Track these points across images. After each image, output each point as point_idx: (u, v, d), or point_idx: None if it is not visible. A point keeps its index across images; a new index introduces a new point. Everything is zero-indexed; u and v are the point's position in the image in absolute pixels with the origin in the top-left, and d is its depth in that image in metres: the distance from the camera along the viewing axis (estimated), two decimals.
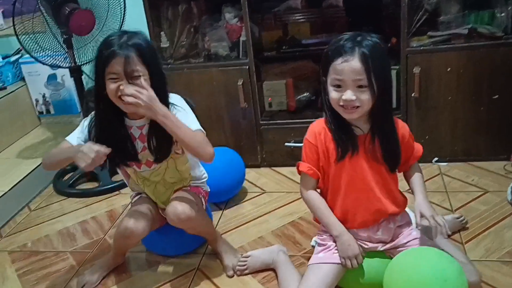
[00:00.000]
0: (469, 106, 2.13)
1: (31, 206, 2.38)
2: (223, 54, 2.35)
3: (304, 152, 1.49)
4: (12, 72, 3.00)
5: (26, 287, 1.77)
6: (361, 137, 1.42)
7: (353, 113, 1.35)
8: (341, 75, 1.31)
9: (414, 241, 1.48)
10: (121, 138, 1.56)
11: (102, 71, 1.44)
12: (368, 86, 1.30)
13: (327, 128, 1.44)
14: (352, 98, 1.31)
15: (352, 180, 1.45)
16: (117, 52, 1.40)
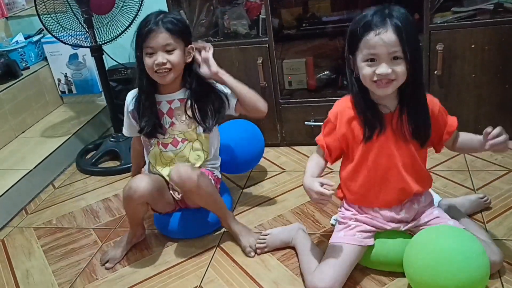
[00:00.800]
0: (493, 84, 2.09)
1: (55, 184, 2.43)
2: (243, 32, 2.34)
3: (323, 126, 1.50)
4: (35, 52, 3.03)
5: (52, 261, 1.83)
6: (388, 115, 1.40)
7: (388, 88, 1.32)
8: (375, 48, 1.28)
9: (436, 219, 1.47)
10: (153, 111, 1.68)
11: (141, 47, 1.60)
12: (403, 57, 1.28)
13: (352, 107, 1.42)
14: (388, 71, 1.28)
15: (378, 159, 1.43)
16: (152, 28, 1.56)
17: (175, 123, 1.72)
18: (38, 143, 2.62)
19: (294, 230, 1.69)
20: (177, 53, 1.60)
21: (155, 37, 1.57)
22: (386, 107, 1.40)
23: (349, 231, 1.49)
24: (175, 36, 1.59)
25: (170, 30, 1.58)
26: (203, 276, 1.62)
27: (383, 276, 1.51)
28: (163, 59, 1.58)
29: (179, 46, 1.60)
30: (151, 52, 1.59)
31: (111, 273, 1.72)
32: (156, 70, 1.60)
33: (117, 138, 2.57)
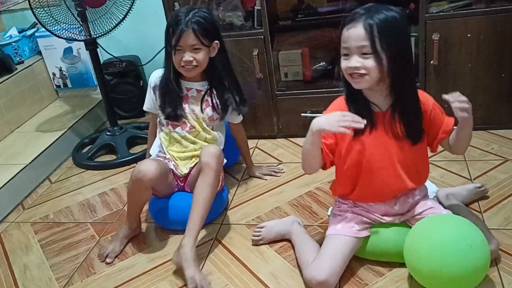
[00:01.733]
0: (490, 73, 2.08)
1: (51, 179, 2.42)
2: (238, 24, 2.32)
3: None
4: (29, 46, 3.01)
5: (49, 256, 1.82)
6: (380, 114, 1.41)
7: (360, 82, 1.34)
8: (346, 42, 1.32)
9: (430, 210, 1.48)
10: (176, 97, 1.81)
11: (170, 43, 1.73)
12: (372, 53, 1.29)
13: (346, 105, 1.43)
14: (356, 65, 1.31)
15: (372, 157, 1.44)
16: (182, 29, 1.68)
17: (186, 109, 1.83)
18: (33, 137, 2.61)
19: (289, 222, 1.69)
20: (202, 52, 1.74)
21: (184, 37, 1.70)
22: (377, 107, 1.41)
23: (347, 224, 1.49)
24: (202, 36, 1.71)
25: (198, 31, 1.70)
26: (201, 269, 1.62)
27: (380, 267, 1.51)
28: (189, 57, 1.72)
29: (205, 45, 1.74)
30: (179, 49, 1.72)
31: (109, 267, 1.72)
32: (182, 65, 1.74)
33: (113, 132, 2.57)
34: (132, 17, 2.35)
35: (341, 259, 1.43)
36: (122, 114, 2.92)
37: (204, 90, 1.84)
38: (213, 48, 1.78)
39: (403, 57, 1.34)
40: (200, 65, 1.76)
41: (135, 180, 1.64)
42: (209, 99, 1.84)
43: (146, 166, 1.64)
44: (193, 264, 1.53)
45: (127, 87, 2.92)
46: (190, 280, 1.49)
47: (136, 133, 2.61)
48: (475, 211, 1.70)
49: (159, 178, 1.68)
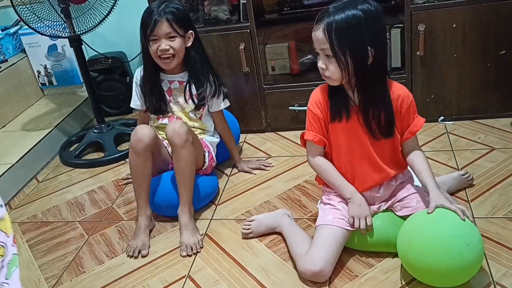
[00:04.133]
0: (475, 62, 2.09)
1: (39, 178, 2.40)
2: (224, 18, 2.31)
3: (308, 121, 1.51)
4: (12, 44, 2.97)
5: (37, 256, 1.81)
6: (354, 107, 1.44)
7: (327, 80, 1.41)
8: (314, 44, 1.39)
9: (414, 195, 1.50)
10: (158, 91, 1.88)
11: (145, 35, 1.78)
12: (333, 56, 1.34)
13: (324, 94, 1.47)
14: (322, 67, 1.39)
15: (351, 147, 1.48)
16: (156, 18, 1.74)
17: (171, 102, 1.91)
18: (19, 137, 2.58)
19: (279, 215, 1.69)
20: (178, 40, 1.79)
21: (159, 26, 1.75)
22: (352, 101, 1.44)
23: (337, 215, 1.49)
24: (176, 25, 1.77)
25: (172, 20, 1.76)
26: (191, 265, 1.62)
27: (370, 258, 1.52)
28: (166, 45, 1.77)
29: (179, 34, 1.78)
30: (155, 39, 1.77)
31: (98, 265, 1.71)
32: (160, 55, 1.78)
33: (101, 129, 2.54)
34: (116, 13, 2.33)
35: (334, 249, 1.44)
36: (109, 111, 2.90)
37: (185, 81, 1.89)
38: (188, 37, 1.82)
39: (364, 57, 1.34)
40: (177, 54, 1.80)
41: (135, 145, 1.70)
42: (191, 89, 1.88)
43: (142, 129, 1.71)
44: (187, 229, 1.70)
45: (113, 84, 2.89)
46: (181, 244, 1.68)
47: (123, 130, 2.59)
48: (463, 200, 1.71)
49: (156, 141, 1.75)
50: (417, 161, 1.47)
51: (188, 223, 1.72)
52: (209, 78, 1.90)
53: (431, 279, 1.35)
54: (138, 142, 1.70)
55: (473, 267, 1.31)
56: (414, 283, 1.40)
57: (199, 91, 1.88)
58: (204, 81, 1.89)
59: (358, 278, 1.45)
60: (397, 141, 1.49)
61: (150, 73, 1.87)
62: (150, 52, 1.80)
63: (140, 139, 1.69)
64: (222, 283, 1.53)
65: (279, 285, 1.48)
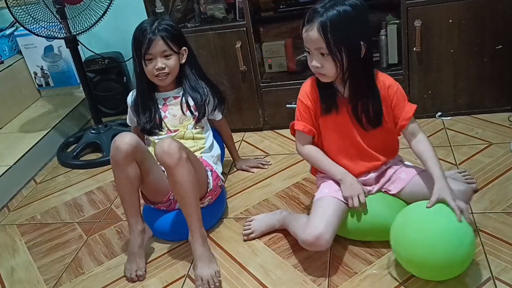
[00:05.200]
0: (472, 58, 2.09)
1: (37, 179, 2.39)
2: (220, 16, 2.30)
3: (298, 112, 1.54)
4: (8, 45, 2.96)
5: (36, 258, 1.81)
6: (343, 99, 1.48)
7: (322, 78, 1.43)
8: (306, 43, 1.40)
9: (401, 168, 1.55)
10: (152, 110, 1.80)
11: (140, 54, 1.73)
12: (329, 54, 1.36)
13: (314, 86, 1.50)
14: (317, 65, 1.40)
15: (341, 137, 1.52)
16: (151, 37, 1.70)
17: (167, 117, 1.82)
18: (17, 138, 2.57)
19: (278, 213, 1.69)
20: (173, 58, 1.76)
21: (154, 45, 1.71)
22: (340, 93, 1.48)
23: (333, 188, 1.52)
24: (171, 42, 1.74)
25: (167, 37, 1.73)
26: (189, 265, 1.62)
27: (369, 255, 1.52)
28: (162, 64, 1.73)
29: (175, 50, 1.75)
30: (150, 58, 1.73)
31: (97, 266, 1.70)
32: (156, 74, 1.74)
33: (98, 130, 2.54)
34: (112, 13, 2.32)
35: (334, 215, 1.45)
36: (106, 112, 2.90)
37: (180, 95, 1.83)
38: (181, 54, 1.79)
39: (358, 51, 1.38)
40: (171, 72, 1.76)
41: (113, 155, 1.55)
42: (188, 100, 1.82)
43: (120, 137, 1.55)
44: (202, 260, 1.51)
45: (110, 84, 2.89)
46: (196, 279, 1.50)
47: (121, 130, 2.55)
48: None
49: (140, 149, 1.57)
50: (422, 149, 1.45)
51: (202, 252, 1.52)
52: (204, 90, 1.84)
53: (418, 272, 1.37)
54: (116, 151, 1.54)
55: (461, 267, 1.33)
56: (413, 280, 1.40)
57: (197, 102, 1.81)
58: (201, 93, 1.83)
59: (357, 275, 1.45)
60: (386, 130, 1.51)
61: (144, 92, 1.81)
62: (145, 71, 1.75)
63: (118, 147, 1.54)
64: (222, 282, 1.53)
65: (278, 283, 1.48)
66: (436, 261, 1.28)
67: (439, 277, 1.36)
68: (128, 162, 1.56)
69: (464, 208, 1.31)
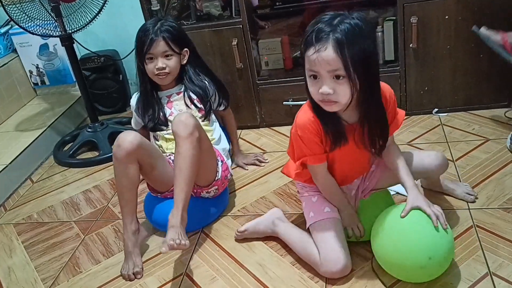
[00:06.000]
0: (469, 53, 2.09)
1: (33, 178, 2.39)
2: (216, 14, 2.29)
3: (304, 147, 1.37)
4: (3, 44, 2.95)
5: (33, 257, 1.80)
6: (350, 127, 1.36)
7: (332, 106, 1.25)
8: (315, 66, 1.20)
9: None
10: (155, 108, 1.84)
11: (141, 53, 1.77)
12: (346, 76, 1.19)
13: (315, 118, 1.33)
14: (329, 92, 1.21)
15: (341, 164, 1.46)
16: (153, 38, 1.75)
17: (174, 112, 1.84)
18: (13, 137, 2.56)
19: (269, 221, 1.64)
20: (174, 59, 1.79)
21: (155, 45, 1.75)
22: (344, 120, 1.35)
23: (319, 206, 1.49)
24: (172, 43, 1.77)
25: (168, 38, 1.77)
26: (188, 263, 1.62)
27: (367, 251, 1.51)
28: (162, 64, 1.77)
29: (175, 52, 1.79)
30: (151, 57, 1.77)
31: (94, 265, 1.70)
32: (156, 73, 1.78)
33: (94, 128, 2.53)
34: (108, 11, 2.32)
35: (342, 238, 1.44)
36: (102, 110, 2.89)
37: (182, 90, 1.87)
38: (183, 55, 1.83)
39: (374, 70, 1.26)
40: (172, 72, 1.80)
41: (115, 151, 1.57)
42: (192, 95, 1.86)
43: (123, 135, 1.57)
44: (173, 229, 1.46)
45: (106, 82, 2.88)
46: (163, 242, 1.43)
47: (117, 129, 2.58)
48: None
49: (142, 147, 1.58)
50: (394, 159, 1.43)
51: (176, 225, 1.48)
52: (206, 84, 1.88)
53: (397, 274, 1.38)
54: (118, 148, 1.56)
55: (432, 275, 1.34)
56: None
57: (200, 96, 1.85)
58: (203, 87, 1.86)
59: (356, 272, 1.45)
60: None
61: (147, 91, 1.85)
62: (145, 70, 1.80)
63: (120, 145, 1.56)
64: (219, 280, 1.53)
65: (276, 281, 1.48)
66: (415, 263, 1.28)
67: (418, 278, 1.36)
68: (129, 160, 1.57)
69: (440, 214, 1.30)
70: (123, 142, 1.56)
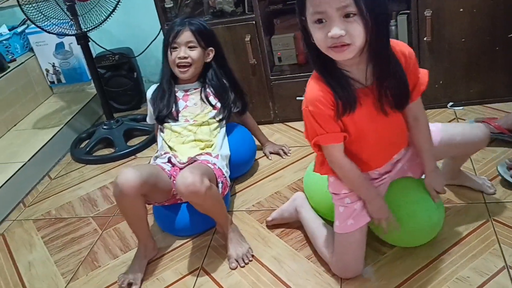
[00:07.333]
0: (483, 46, 2.08)
1: (51, 175, 2.43)
2: (229, 10, 2.30)
3: (315, 124, 1.23)
4: (20, 43, 2.99)
5: (53, 252, 1.84)
6: (364, 90, 1.21)
7: (344, 52, 1.10)
8: (319, 5, 1.06)
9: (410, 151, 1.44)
10: (170, 100, 1.86)
11: (167, 42, 1.82)
12: (357, 13, 1.05)
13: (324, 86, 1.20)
14: (341, 33, 1.06)
15: (361, 133, 1.28)
16: (179, 28, 1.81)
17: (188, 106, 1.87)
18: (30, 135, 2.61)
19: (292, 208, 1.65)
20: (197, 51, 1.82)
21: (180, 34, 1.80)
22: (358, 82, 1.20)
23: (356, 215, 1.38)
24: (197, 36, 1.81)
25: (194, 30, 1.81)
26: (204, 257, 1.64)
27: (381, 245, 1.52)
28: (184, 53, 1.80)
29: (200, 45, 1.82)
30: (175, 46, 1.81)
31: (112, 259, 1.73)
32: (177, 63, 1.81)
33: (110, 125, 2.56)
34: (122, 9, 2.34)
35: (359, 248, 1.40)
36: (117, 107, 2.92)
37: (200, 87, 1.89)
38: (207, 54, 1.85)
39: (387, 15, 1.15)
40: (194, 63, 1.82)
41: (117, 194, 1.50)
42: (209, 90, 1.88)
43: (123, 176, 1.48)
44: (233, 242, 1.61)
45: (121, 80, 2.90)
46: (229, 257, 1.59)
47: (132, 126, 2.61)
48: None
49: (147, 182, 1.52)
50: (420, 137, 1.35)
51: (232, 236, 1.61)
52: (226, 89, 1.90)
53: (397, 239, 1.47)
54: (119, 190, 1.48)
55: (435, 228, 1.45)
56: (428, 269, 1.40)
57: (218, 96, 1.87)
58: (221, 91, 1.88)
59: (370, 266, 1.46)
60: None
61: (166, 82, 1.87)
62: (168, 60, 1.83)
63: (121, 188, 1.47)
64: (235, 275, 1.54)
65: (292, 275, 1.49)
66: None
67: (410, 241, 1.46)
68: (134, 199, 1.51)
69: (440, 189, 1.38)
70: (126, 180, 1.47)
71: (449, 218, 1.57)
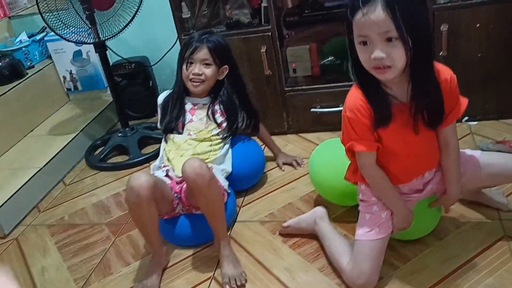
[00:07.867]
0: (500, 62, 2.07)
1: (66, 181, 2.45)
2: (245, 21, 2.32)
3: (352, 131, 1.30)
4: (39, 50, 3.04)
5: (66, 258, 1.85)
6: (400, 106, 1.27)
7: (386, 73, 1.18)
8: (363, 29, 1.14)
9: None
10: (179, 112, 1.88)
11: (183, 57, 1.84)
12: (398, 37, 1.12)
13: (363, 99, 1.27)
14: (382, 56, 1.14)
15: (394, 147, 1.33)
16: (197, 45, 1.82)
17: (194, 120, 1.88)
18: (46, 141, 2.64)
19: (312, 219, 1.65)
20: (212, 68, 1.84)
21: (197, 51, 1.82)
22: (396, 99, 1.26)
23: (382, 225, 1.40)
24: (214, 54, 1.83)
25: (211, 48, 1.82)
26: (216, 267, 1.64)
27: (394, 260, 1.51)
28: (199, 70, 1.82)
29: (215, 63, 1.84)
30: (191, 62, 1.83)
31: (125, 267, 1.74)
32: (191, 78, 1.83)
33: (125, 133, 2.59)
34: (139, 18, 2.37)
35: (379, 258, 1.40)
36: (132, 115, 2.94)
37: (209, 102, 1.90)
38: (221, 71, 1.87)
39: (426, 34, 1.18)
40: (207, 80, 1.84)
41: (133, 199, 1.50)
42: (217, 108, 1.88)
43: (136, 179, 1.50)
44: (229, 260, 1.59)
45: (136, 88, 2.93)
46: (223, 276, 1.57)
47: (147, 134, 2.63)
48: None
49: (156, 186, 1.55)
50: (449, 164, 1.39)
51: (229, 254, 1.61)
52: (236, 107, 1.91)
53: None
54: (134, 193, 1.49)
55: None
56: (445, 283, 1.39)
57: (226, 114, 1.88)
58: (230, 108, 1.89)
59: (383, 280, 1.45)
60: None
61: (178, 93, 1.89)
62: (182, 73, 1.85)
63: (138, 195, 1.49)
64: (246, 285, 1.54)
65: (304, 287, 1.49)
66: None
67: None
68: (148, 202, 1.52)
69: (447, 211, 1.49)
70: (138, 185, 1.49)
71: (463, 234, 1.56)
